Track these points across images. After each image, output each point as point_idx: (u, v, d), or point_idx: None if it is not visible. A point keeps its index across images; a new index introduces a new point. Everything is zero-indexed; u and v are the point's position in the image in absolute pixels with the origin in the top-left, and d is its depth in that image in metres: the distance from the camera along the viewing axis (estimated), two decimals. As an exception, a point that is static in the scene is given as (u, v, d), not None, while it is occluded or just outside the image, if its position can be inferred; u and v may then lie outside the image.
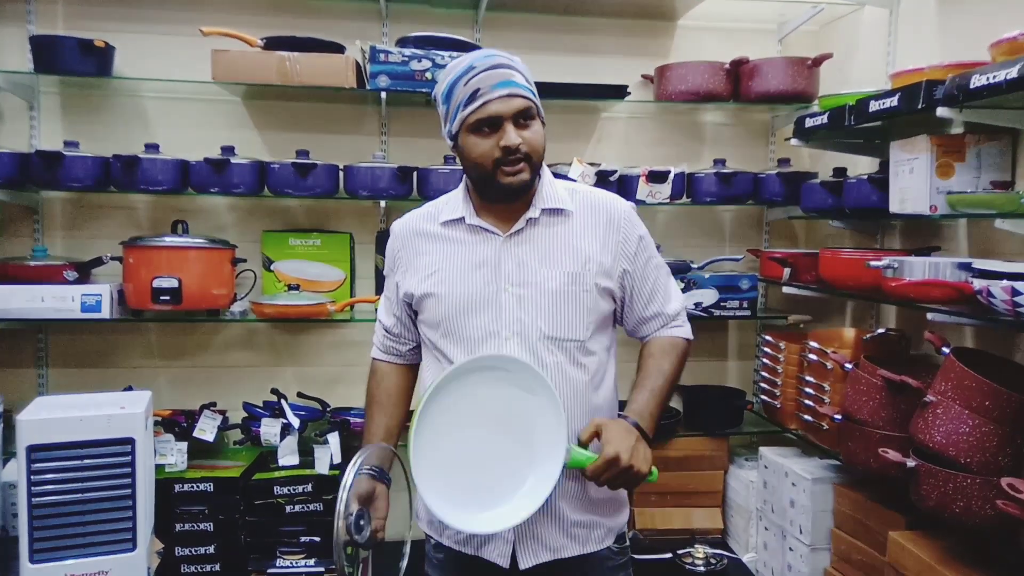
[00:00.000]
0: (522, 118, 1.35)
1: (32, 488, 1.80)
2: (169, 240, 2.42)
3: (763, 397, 2.72)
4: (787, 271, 2.57)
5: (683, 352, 1.52)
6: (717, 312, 2.65)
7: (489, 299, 1.41)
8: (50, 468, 1.82)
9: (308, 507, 2.45)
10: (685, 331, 1.54)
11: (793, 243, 3.07)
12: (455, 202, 1.49)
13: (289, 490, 2.44)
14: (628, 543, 1.56)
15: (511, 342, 1.40)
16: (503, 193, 1.39)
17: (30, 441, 1.81)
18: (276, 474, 2.47)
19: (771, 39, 3.00)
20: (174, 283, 2.36)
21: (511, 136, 1.33)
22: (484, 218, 1.45)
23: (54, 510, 1.82)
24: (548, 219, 1.45)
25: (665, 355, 1.49)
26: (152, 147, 2.47)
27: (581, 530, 1.46)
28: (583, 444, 1.33)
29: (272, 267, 2.71)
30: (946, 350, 1.81)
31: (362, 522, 1.36)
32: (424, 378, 1.56)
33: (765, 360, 2.70)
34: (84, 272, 2.48)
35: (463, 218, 1.45)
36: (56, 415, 1.85)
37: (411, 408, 1.51)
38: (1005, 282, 1.60)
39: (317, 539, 2.46)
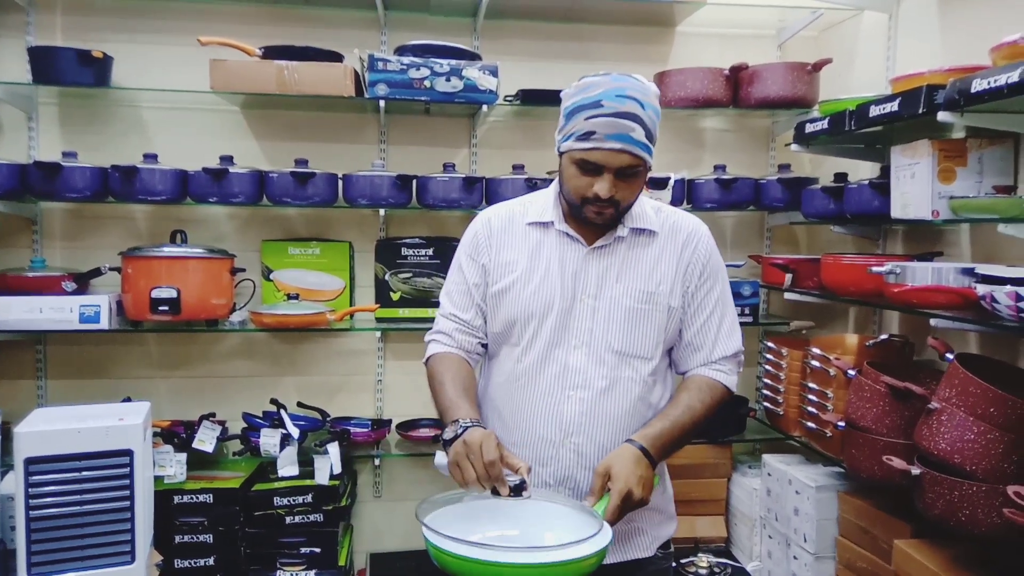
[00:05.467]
0: (626, 172, 1.37)
1: (30, 501, 1.78)
2: (168, 250, 2.41)
3: (766, 404, 2.70)
4: (789, 277, 2.56)
5: (719, 397, 1.50)
6: (719, 319, 2.64)
7: (564, 306, 1.44)
8: (48, 480, 1.80)
9: (308, 518, 2.44)
10: (728, 379, 1.52)
11: (795, 249, 3.05)
12: (543, 204, 1.51)
13: (289, 501, 2.43)
14: (672, 549, 1.58)
15: (579, 351, 1.44)
16: (584, 222, 1.44)
17: (28, 453, 1.79)
18: (276, 485, 2.45)
19: (770, 45, 3.00)
20: (173, 293, 2.35)
21: (605, 188, 1.36)
22: (571, 225, 1.48)
23: (52, 523, 1.80)
24: (633, 238, 1.48)
25: (700, 393, 1.47)
26: (151, 157, 2.47)
27: (625, 538, 1.48)
28: (599, 492, 1.31)
29: (271, 276, 2.70)
30: (950, 356, 1.80)
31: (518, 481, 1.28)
32: (491, 382, 1.54)
33: (767, 367, 2.69)
34: (83, 283, 2.47)
35: (552, 222, 1.48)
36: (54, 427, 1.83)
37: None
38: (1009, 287, 1.59)
39: (317, 550, 2.44)
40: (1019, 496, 1.45)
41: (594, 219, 1.41)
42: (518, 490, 1.25)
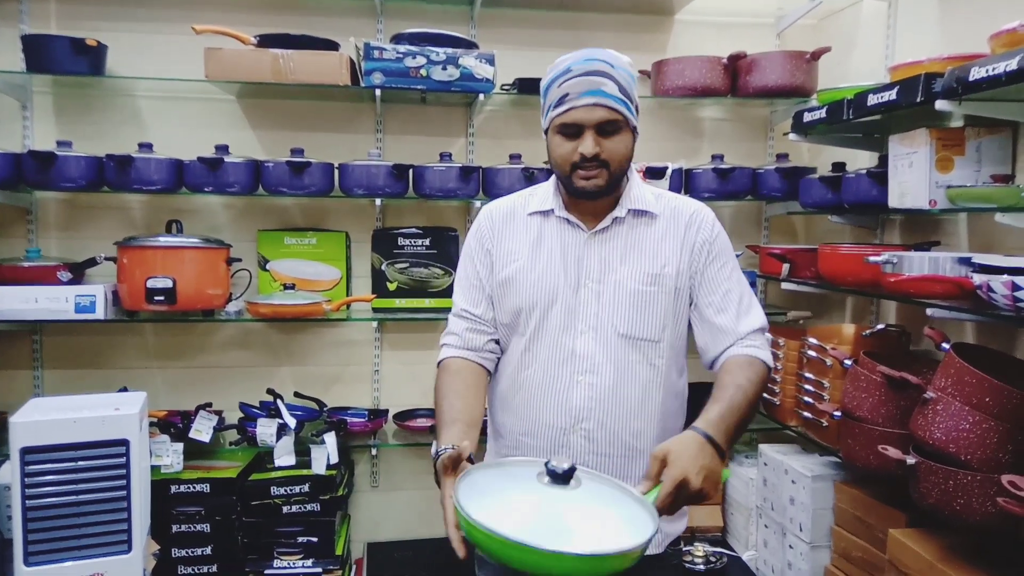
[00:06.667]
0: (606, 128, 1.38)
1: (26, 490, 1.79)
2: (163, 240, 2.40)
3: (763, 394, 2.70)
4: (786, 267, 2.56)
5: (761, 372, 1.40)
6: (716, 309, 2.63)
7: (568, 292, 1.45)
8: (44, 470, 1.80)
9: (305, 507, 2.44)
10: (763, 353, 1.44)
11: (792, 239, 3.05)
12: (544, 194, 1.53)
13: (286, 490, 2.43)
14: (681, 545, 1.54)
15: (586, 336, 1.44)
16: (578, 194, 1.44)
17: (24, 443, 1.79)
18: (273, 474, 2.46)
19: (769, 33, 2.98)
20: (169, 283, 2.34)
21: (588, 145, 1.37)
22: (572, 212, 1.49)
23: (49, 512, 1.80)
24: (633, 220, 1.48)
25: (742, 371, 1.38)
26: (146, 146, 2.46)
27: None
28: (655, 477, 1.19)
29: (267, 266, 2.69)
30: (946, 346, 1.80)
31: None
32: (501, 373, 1.52)
33: (764, 357, 2.69)
34: (78, 273, 2.47)
35: (552, 210, 1.49)
36: (50, 417, 1.83)
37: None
38: (1006, 277, 1.59)
39: (315, 539, 2.44)
40: (1013, 485, 1.45)
41: (586, 186, 1.40)
42: (567, 477, 1.13)
